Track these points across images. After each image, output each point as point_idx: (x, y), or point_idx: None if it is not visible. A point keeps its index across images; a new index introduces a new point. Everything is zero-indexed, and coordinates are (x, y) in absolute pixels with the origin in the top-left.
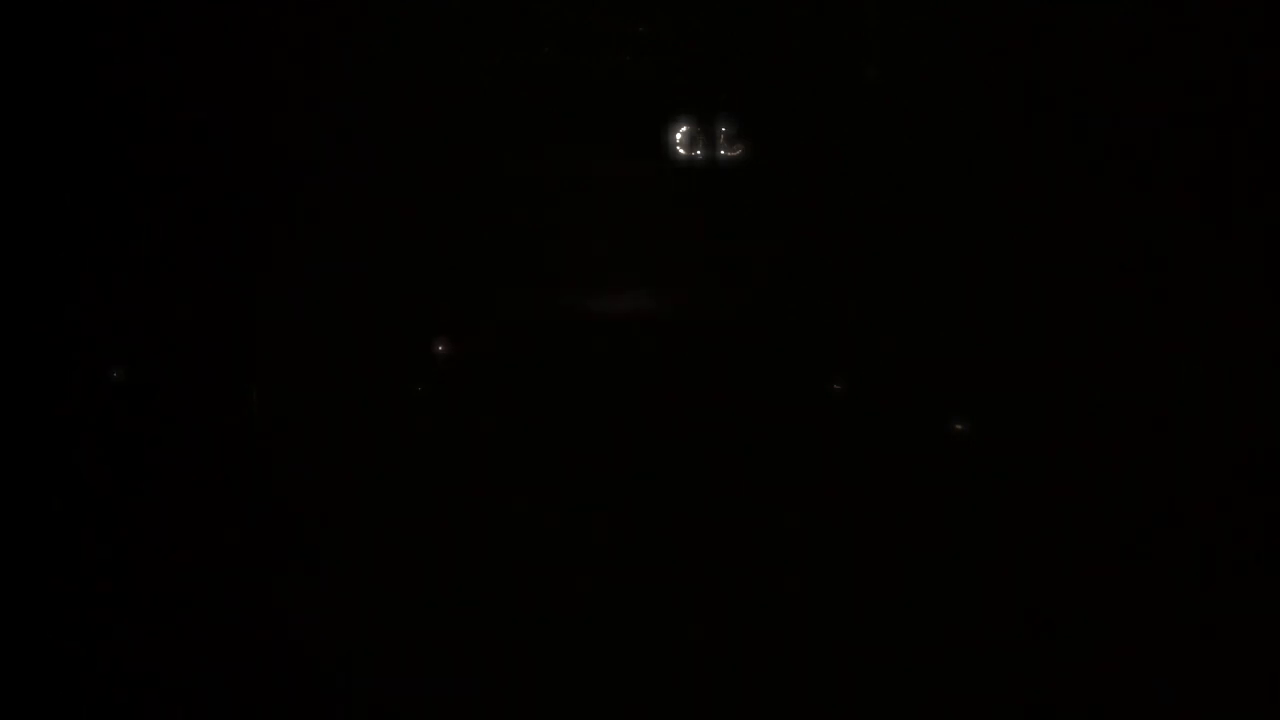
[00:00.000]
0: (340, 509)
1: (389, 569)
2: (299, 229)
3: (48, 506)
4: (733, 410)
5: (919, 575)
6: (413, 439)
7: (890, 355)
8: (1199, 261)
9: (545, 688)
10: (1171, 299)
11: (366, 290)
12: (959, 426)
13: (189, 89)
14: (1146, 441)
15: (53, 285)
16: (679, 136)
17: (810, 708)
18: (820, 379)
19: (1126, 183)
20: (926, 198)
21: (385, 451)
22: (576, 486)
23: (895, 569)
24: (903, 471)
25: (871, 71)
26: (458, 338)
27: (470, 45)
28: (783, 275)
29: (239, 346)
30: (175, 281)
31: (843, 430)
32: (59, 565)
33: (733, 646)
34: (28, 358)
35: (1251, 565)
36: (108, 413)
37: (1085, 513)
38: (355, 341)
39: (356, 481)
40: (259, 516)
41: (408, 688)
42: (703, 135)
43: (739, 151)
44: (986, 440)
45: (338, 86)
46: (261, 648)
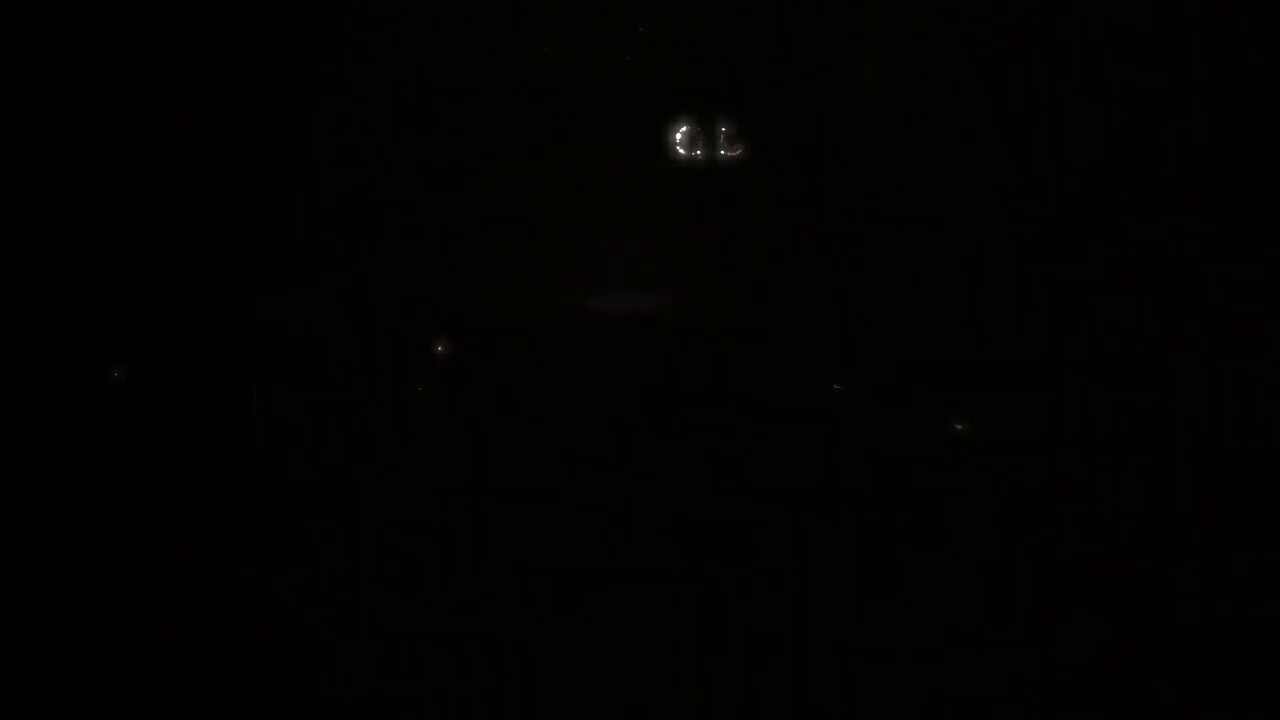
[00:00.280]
0: (340, 509)
1: (389, 568)
2: (299, 229)
3: (48, 506)
4: (733, 410)
5: (919, 575)
6: (413, 439)
7: (890, 355)
8: (1199, 261)
9: (545, 687)
10: (1171, 299)
11: (366, 290)
12: (959, 426)
13: (189, 90)
14: (1146, 441)
15: (53, 285)
16: (679, 136)
17: (810, 708)
18: (820, 379)
19: (1126, 183)
20: (926, 198)
21: (385, 451)
22: (576, 486)
23: (895, 569)
24: (903, 471)
25: (871, 71)
26: (458, 338)
27: (470, 45)
28: (783, 275)
29: (239, 346)
30: (175, 281)
31: (843, 430)
32: (59, 565)
33: (733, 646)
34: (28, 357)
35: (1251, 565)
36: (108, 413)
37: (1085, 513)
38: (355, 341)
39: (356, 481)
40: (259, 516)
41: (408, 687)
42: (703, 135)
43: (739, 151)
44: (986, 440)
45: (338, 86)
46: (262, 647)
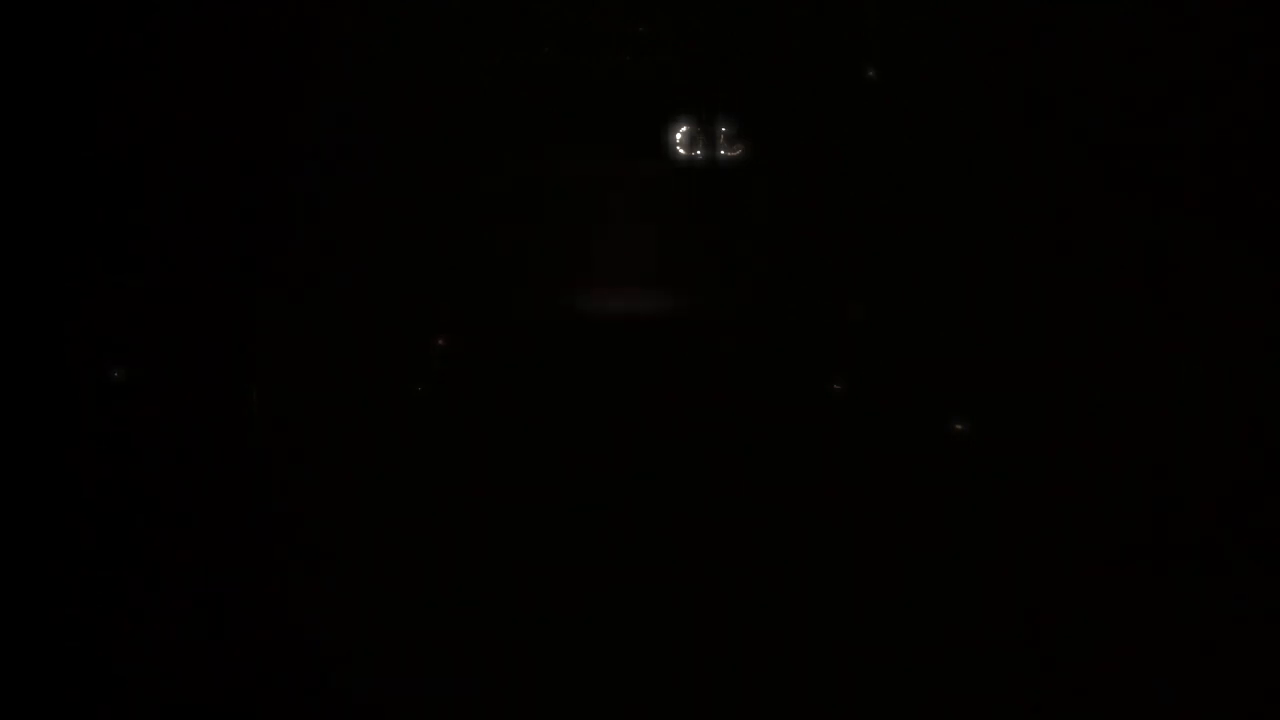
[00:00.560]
0: (340, 508)
1: (389, 568)
2: (299, 229)
3: (48, 505)
4: (733, 410)
5: (919, 575)
6: (413, 439)
7: (890, 355)
8: (1199, 261)
9: (545, 687)
10: (1171, 299)
11: (366, 290)
12: (959, 426)
13: (189, 90)
14: (1146, 441)
15: (53, 285)
16: (679, 136)
17: (810, 707)
18: (820, 379)
19: (1126, 183)
20: (926, 198)
21: (385, 451)
22: (576, 486)
23: (895, 568)
24: (903, 471)
25: (871, 71)
26: (458, 337)
27: (470, 45)
28: (783, 275)
29: (239, 346)
30: (175, 281)
31: (843, 430)
32: (59, 564)
33: (733, 646)
34: (28, 357)
35: (1251, 565)
36: (108, 413)
37: (1085, 513)
38: (355, 341)
39: (356, 481)
40: (259, 516)
41: (408, 687)
42: (703, 135)
43: (739, 151)
44: (986, 440)
45: (338, 86)
46: (262, 647)
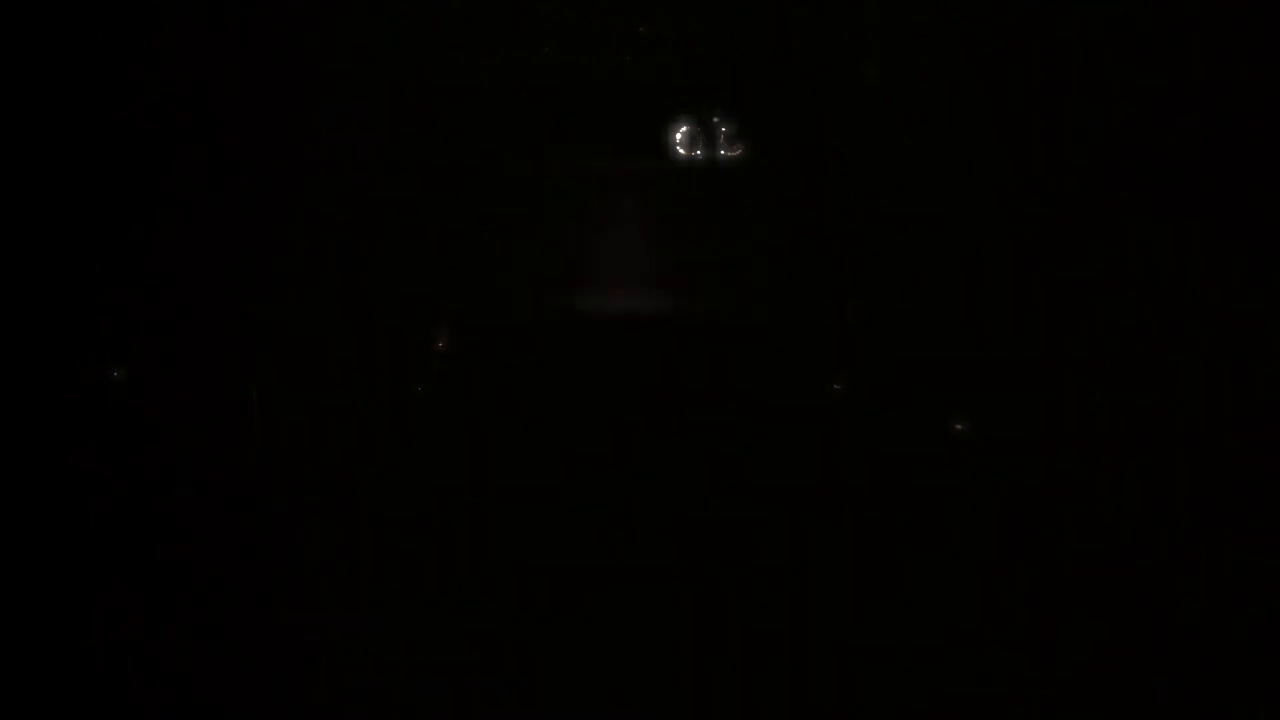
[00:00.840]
0: (340, 508)
1: (389, 567)
2: (300, 229)
3: (47, 505)
4: (733, 410)
5: (919, 574)
6: (413, 439)
7: (890, 355)
8: (1199, 262)
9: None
10: (1172, 299)
11: (367, 290)
12: (959, 426)
13: (190, 90)
14: (1147, 442)
15: (54, 285)
16: (679, 136)
17: (810, 707)
18: (820, 379)
19: (1126, 183)
20: (926, 198)
21: (385, 451)
22: (576, 485)
23: (895, 568)
24: (903, 471)
25: (871, 71)
26: (458, 338)
27: (470, 45)
28: (783, 275)
29: (239, 346)
30: (175, 281)
31: (843, 430)
32: (59, 563)
33: (732, 645)
34: (28, 357)
35: (1251, 565)
36: (108, 412)
37: (1085, 513)
38: (355, 341)
39: (357, 481)
40: (259, 516)
41: (407, 687)
42: (703, 135)
43: (739, 151)
44: (986, 440)
45: (338, 87)
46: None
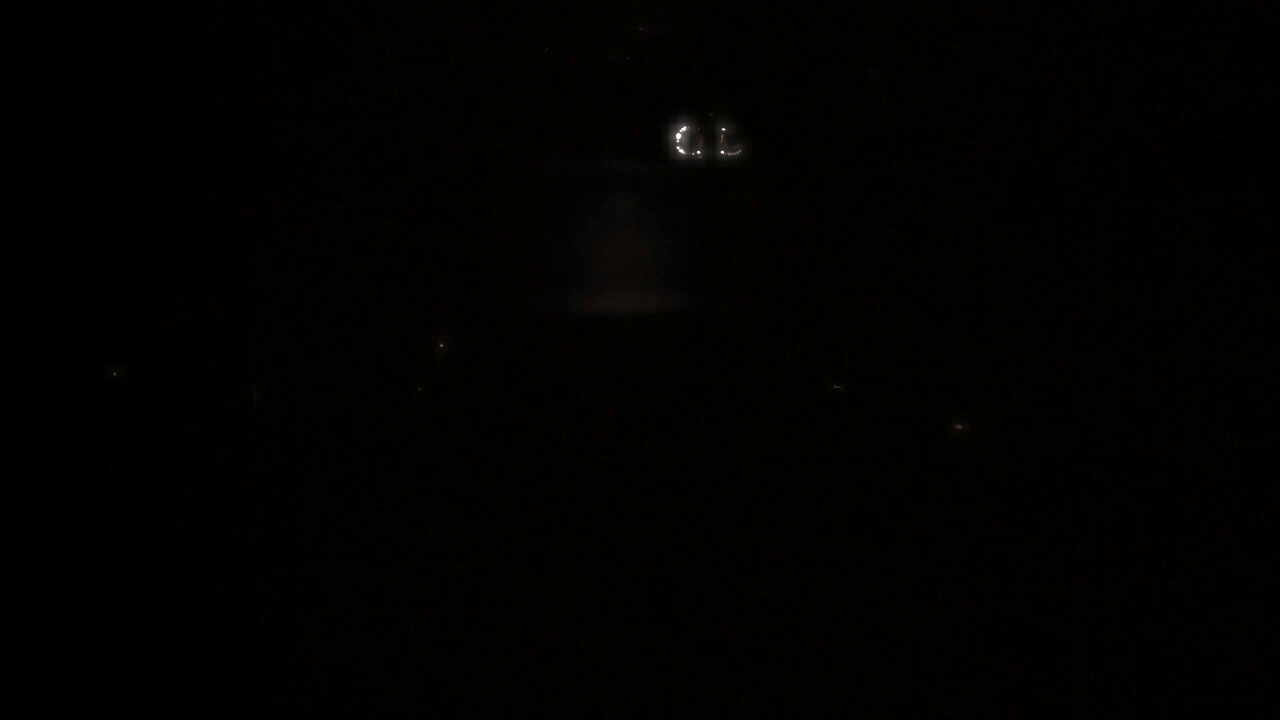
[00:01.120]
0: (340, 507)
1: (389, 566)
2: (299, 229)
3: (47, 504)
4: (733, 410)
5: (918, 573)
6: (412, 438)
7: (890, 355)
8: (1199, 261)
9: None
10: (1172, 299)
11: (366, 290)
12: (959, 426)
13: (190, 90)
14: (1146, 441)
15: (53, 284)
16: (679, 136)
17: (810, 707)
18: (820, 379)
19: (1126, 183)
20: (925, 198)
21: (385, 451)
22: (575, 485)
23: (895, 567)
24: (903, 471)
25: (871, 71)
26: (458, 338)
27: (470, 45)
28: (783, 275)
29: (239, 346)
30: (175, 281)
31: (843, 430)
32: (58, 562)
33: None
34: (28, 356)
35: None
36: (107, 412)
37: (1085, 513)
38: (355, 341)
39: (356, 481)
40: (259, 515)
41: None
42: (703, 135)
43: (739, 151)
44: (986, 440)
45: (338, 86)
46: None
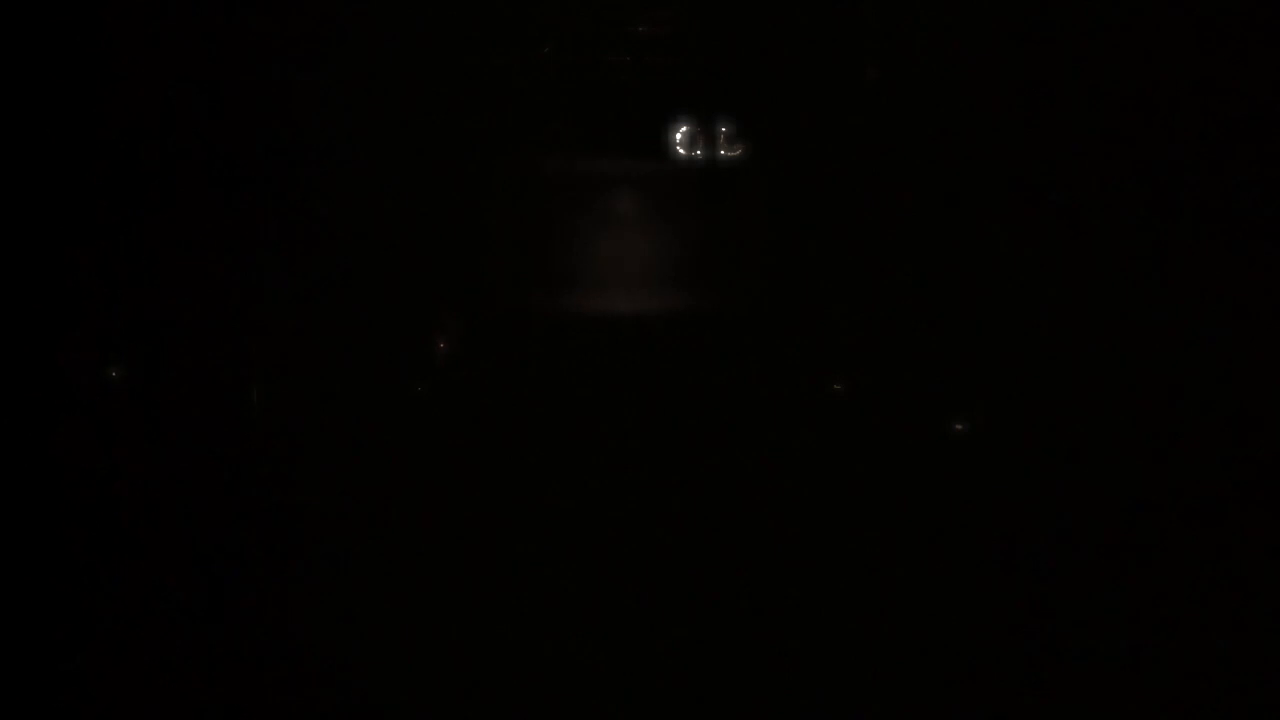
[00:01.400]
0: (340, 507)
1: (389, 566)
2: (299, 229)
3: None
4: (733, 410)
5: (918, 573)
6: (413, 438)
7: (890, 355)
8: (1200, 261)
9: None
10: (1172, 298)
11: (367, 290)
12: (959, 426)
13: (190, 90)
14: (1147, 441)
15: (53, 284)
16: (679, 136)
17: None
18: (820, 379)
19: (1126, 183)
20: (926, 198)
21: (385, 450)
22: (576, 485)
23: (895, 567)
24: (903, 471)
25: (871, 71)
26: (458, 338)
27: (470, 45)
28: (783, 275)
29: (239, 346)
30: (175, 281)
31: (843, 430)
32: (57, 562)
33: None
34: (27, 355)
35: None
36: (107, 411)
37: (1085, 513)
38: (355, 341)
39: (356, 480)
40: (259, 515)
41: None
42: (703, 135)
43: (739, 151)
44: (986, 440)
45: (338, 86)
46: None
